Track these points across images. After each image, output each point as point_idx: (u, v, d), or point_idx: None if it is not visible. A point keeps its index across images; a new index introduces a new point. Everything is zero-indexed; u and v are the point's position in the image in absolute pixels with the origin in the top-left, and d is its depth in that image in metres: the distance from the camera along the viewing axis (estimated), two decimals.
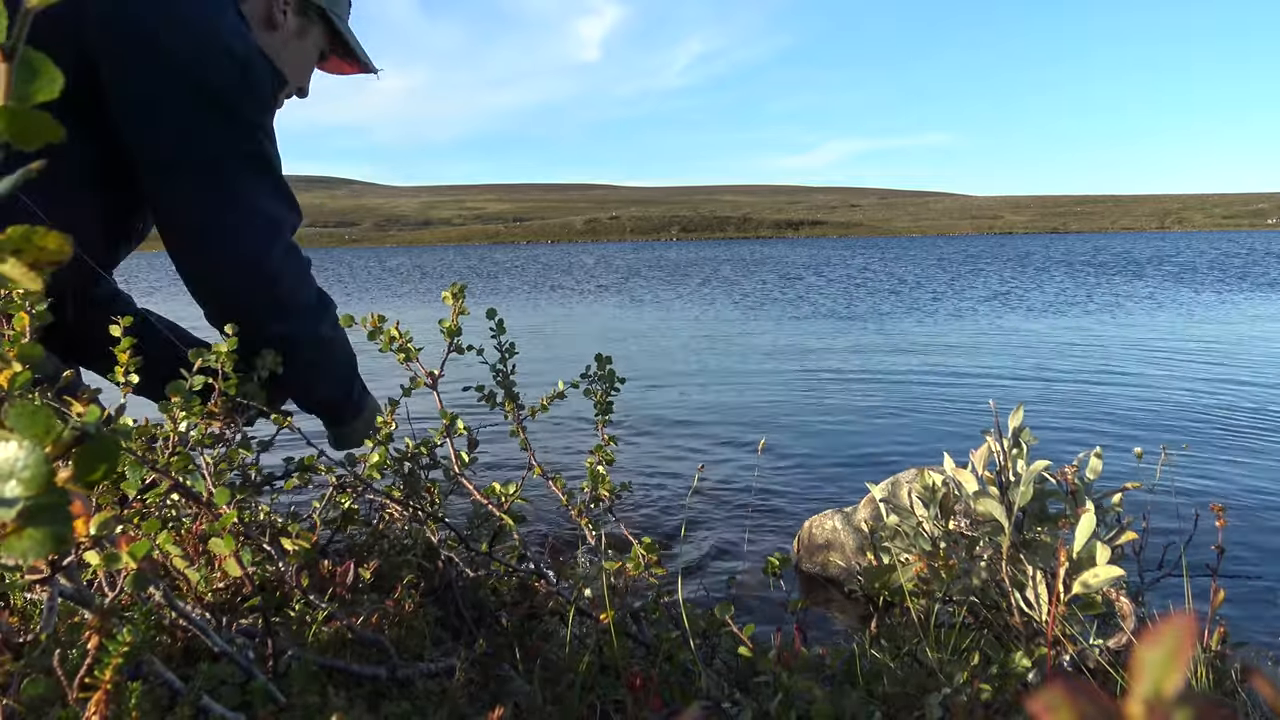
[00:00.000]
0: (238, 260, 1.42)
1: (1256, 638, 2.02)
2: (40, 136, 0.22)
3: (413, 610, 1.07)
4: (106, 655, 0.67)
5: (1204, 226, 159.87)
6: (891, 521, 1.76)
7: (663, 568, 1.34)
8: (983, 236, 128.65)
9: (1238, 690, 1.32)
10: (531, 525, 2.68)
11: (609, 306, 13.61)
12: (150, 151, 1.38)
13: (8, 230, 0.23)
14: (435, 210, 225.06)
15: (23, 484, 0.22)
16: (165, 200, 1.43)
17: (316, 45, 1.70)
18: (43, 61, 0.22)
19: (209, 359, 1.19)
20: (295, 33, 1.65)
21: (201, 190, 1.40)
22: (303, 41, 1.66)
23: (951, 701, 1.05)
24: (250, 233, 1.43)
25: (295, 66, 1.68)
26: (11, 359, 0.74)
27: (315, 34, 1.68)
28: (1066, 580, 1.42)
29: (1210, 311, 10.72)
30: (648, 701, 1.02)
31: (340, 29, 1.70)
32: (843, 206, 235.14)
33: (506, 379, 1.46)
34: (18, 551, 0.22)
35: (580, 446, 3.86)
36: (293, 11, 1.62)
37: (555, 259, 44.35)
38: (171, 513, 1.11)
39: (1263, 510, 2.99)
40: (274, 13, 1.60)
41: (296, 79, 1.70)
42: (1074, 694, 0.19)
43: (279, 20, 1.61)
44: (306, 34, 1.66)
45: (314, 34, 1.68)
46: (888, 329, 9.37)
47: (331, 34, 1.71)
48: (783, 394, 5.42)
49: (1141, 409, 4.77)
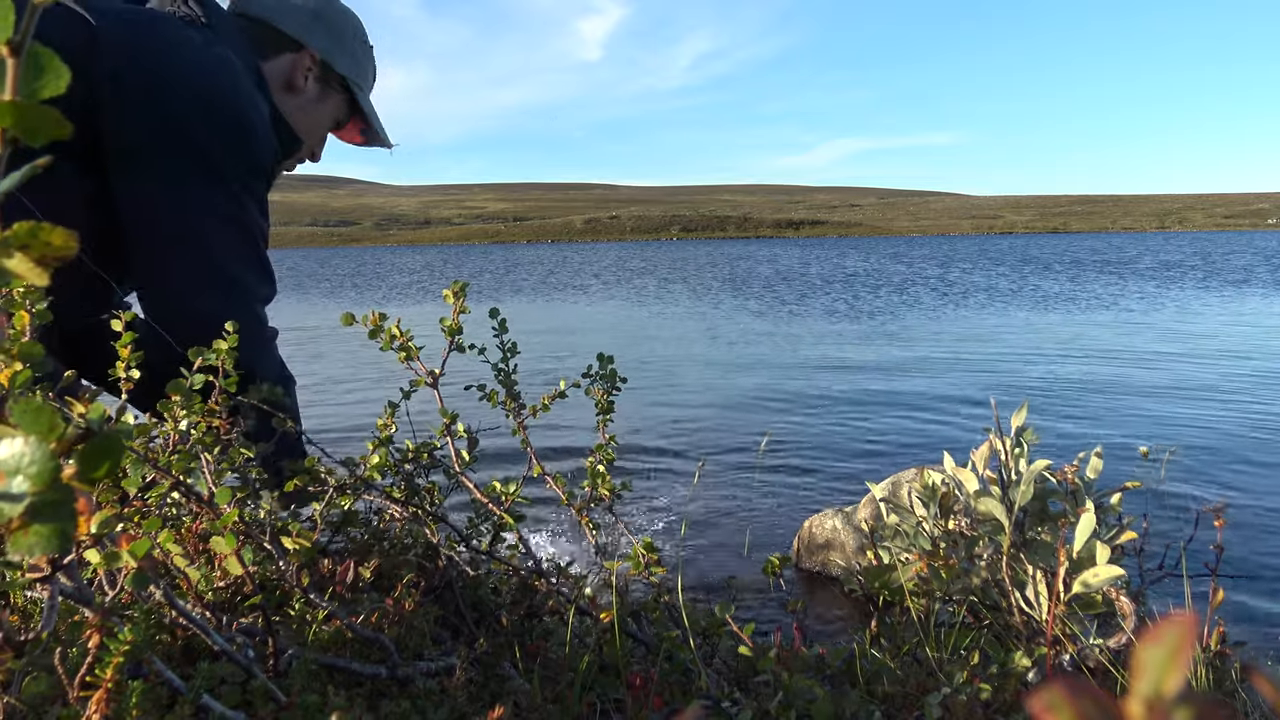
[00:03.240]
0: (195, 318, 1.40)
1: (1256, 638, 2.03)
2: (47, 132, 0.22)
3: (413, 609, 1.07)
4: (107, 654, 0.67)
5: (1204, 226, 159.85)
6: (891, 521, 1.76)
7: (663, 567, 1.34)
8: (983, 236, 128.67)
9: (1238, 690, 1.32)
10: (532, 525, 2.68)
11: (609, 306, 13.61)
12: (131, 204, 1.38)
13: (14, 226, 0.23)
14: (435, 210, 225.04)
15: (29, 480, 0.22)
16: (141, 257, 1.42)
17: (334, 113, 1.71)
18: (50, 58, 0.22)
19: (209, 358, 1.19)
20: (315, 99, 1.66)
21: (174, 245, 1.40)
22: (321, 106, 1.67)
23: (951, 701, 1.05)
24: (213, 295, 1.42)
25: (309, 130, 1.69)
26: (13, 357, 0.74)
27: (335, 102, 1.69)
28: (1067, 579, 1.42)
29: (1211, 310, 10.73)
30: (648, 701, 1.02)
31: (361, 101, 1.71)
32: (843, 206, 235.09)
33: (508, 378, 1.46)
34: (24, 547, 0.22)
35: (580, 446, 3.86)
36: (314, 78, 1.64)
37: (555, 258, 44.37)
38: (172, 511, 1.11)
39: (1263, 510, 2.99)
40: (296, 77, 1.61)
41: (310, 141, 1.71)
42: (1074, 693, 0.19)
43: (300, 85, 1.62)
44: (326, 100, 1.68)
45: (333, 101, 1.69)
46: (889, 327, 9.37)
47: (351, 104, 1.72)
48: (783, 393, 5.42)
49: (1142, 408, 4.77)
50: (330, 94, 1.67)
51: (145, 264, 1.43)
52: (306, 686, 0.87)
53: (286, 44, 1.60)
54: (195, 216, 1.41)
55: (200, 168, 1.40)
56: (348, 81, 1.68)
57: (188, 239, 1.41)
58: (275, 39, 1.59)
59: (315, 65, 1.63)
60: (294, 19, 1.60)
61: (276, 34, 1.59)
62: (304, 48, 1.61)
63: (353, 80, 1.68)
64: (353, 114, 1.74)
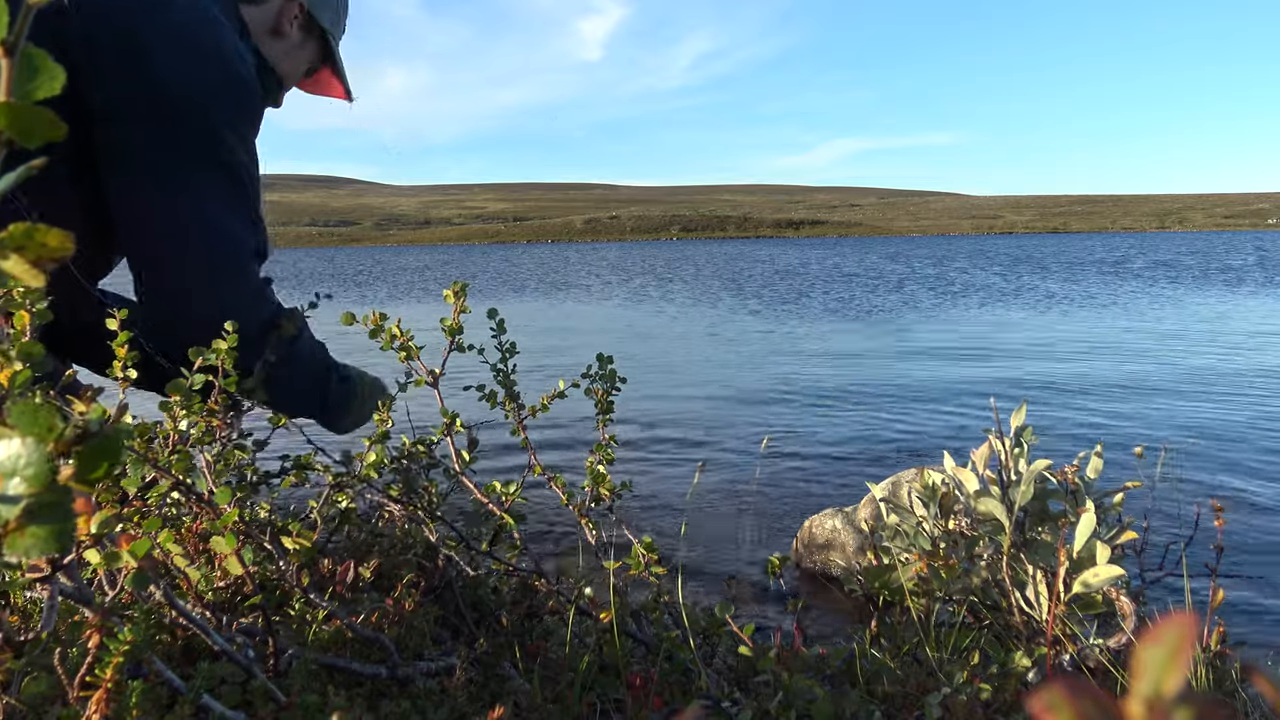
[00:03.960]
0: (180, 265, 1.38)
1: (1256, 638, 2.03)
2: (41, 133, 0.22)
3: (413, 609, 1.07)
4: (107, 654, 0.67)
5: (1204, 226, 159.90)
6: (892, 521, 1.76)
7: (663, 567, 1.33)
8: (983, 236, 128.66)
9: (1238, 690, 1.32)
10: (532, 525, 2.68)
11: (609, 305, 13.61)
12: (111, 157, 1.35)
13: (10, 227, 0.23)
14: (435, 210, 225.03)
15: (25, 481, 0.22)
16: (123, 209, 1.38)
17: (309, 60, 1.79)
18: (43, 58, 0.22)
19: (209, 357, 1.19)
20: (297, 44, 1.73)
21: (157, 191, 1.37)
22: (300, 52, 1.75)
23: (951, 701, 1.05)
24: (200, 240, 1.39)
25: (289, 74, 1.76)
26: (12, 357, 0.74)
27: (311, 49, 1.77)
28: (1067, 579, 1.42)
29: (1212, 310, 10.73)
30: (648, 701, 1.02)
31: (334, 51, 1.80)
32: (843, 206, 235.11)
33: (508, 378, 1.46)
34: (20, 549, 0.22)
35: (581, 446, 3.86)
36: (299, 25, 1.70)
37: (555, 258, 44.37)
38: (172, 511, 1.11)
39: (1263, 510, 2.99)
40: (283, 23, 1.67)
41: (288, 84, 1.79)
42: (1074, 693, 0.19)
43: (285, 30, 1.68)
44: (305, 47, 1.75)
45: (310, 49, 1.77)
46: (889, 327, 9.37)
47: (325, 54, 1.80)
48: (783, 393, 5.42)
49: (1142, 408, 4.77)
50: (309, 42, 1.75)
51: (129, 221, 1.40)
52: (306, 686, 0.87)
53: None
54: (180, 161, 1.38)
55: (183, 109, 1.37)
56: (326, 31, 1.75)
57: (178, 187, 1.38)
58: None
59: (302, 14, 1.70)
60: None
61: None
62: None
63: (330, 30, 1.76)
64: (323, 63, 1.83)
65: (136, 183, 1.37)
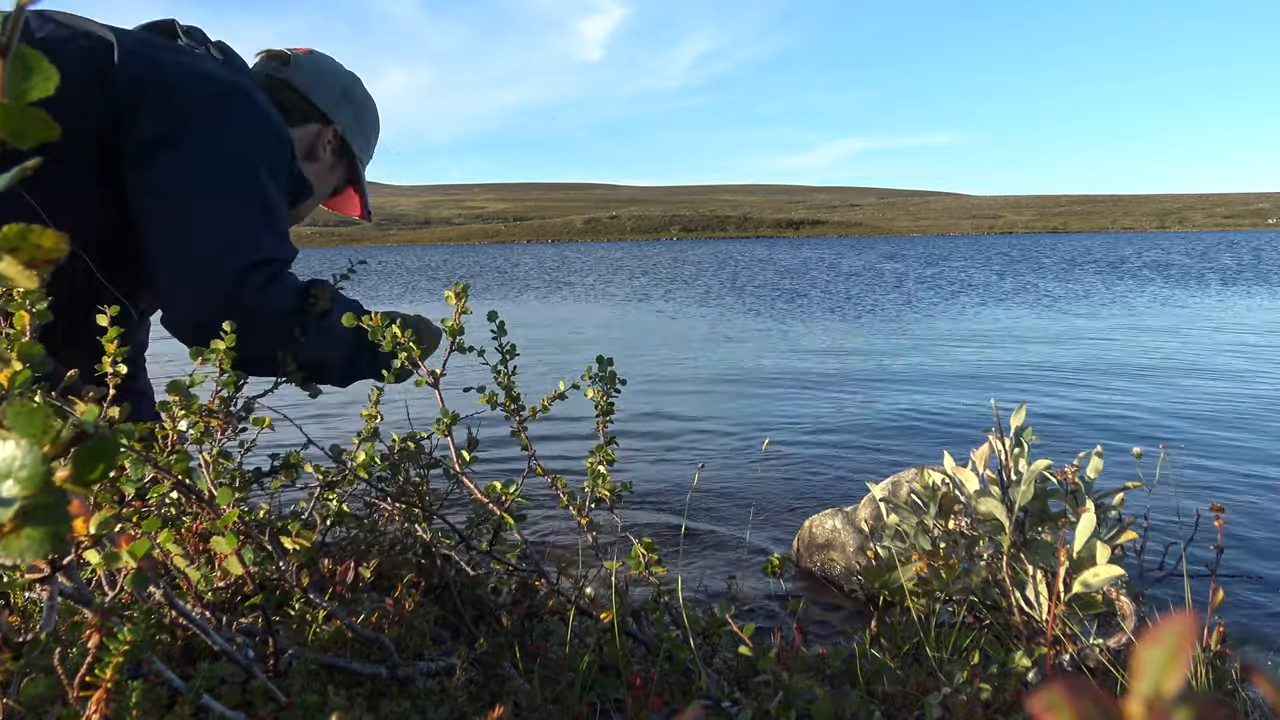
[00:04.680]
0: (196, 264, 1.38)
1: (1256, 638, 2.03)
2: (35, 134, 0.22)
3: (413, 609, 1.07)
4: (107, 654, 0.67)
5: (1204, 226, 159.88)
6: (891, 521, 1.76)
7: (663, 567, 1.33)
8: (983, 236, 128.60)
9: (1238, 690, 1.32)
10: (532, 525, 2.68)
11: (609, 305, 13.61)
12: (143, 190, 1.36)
13: (4, 228, 0.23)
14: (435, 210, 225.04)
15: (20, 483, 0.22)
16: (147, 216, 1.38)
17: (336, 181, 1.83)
18: (38, 59, 0.22)
19: (209, 357, 1.19)
20: (328, 168, 1.77)
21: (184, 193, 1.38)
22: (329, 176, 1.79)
23: (951, 701, 1.05)
24: (213, 239, 1.38)
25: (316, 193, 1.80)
26: (11, 358, 0.74)
27: (340, 172, 1.81)
28: (1067, 579, 1.42)
29: (1212, 309, 10.73)
30: (648, 701, 1.02)
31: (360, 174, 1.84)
32: (843, 206, 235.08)
33: (508, 380, 1.46)
34: (15, 551, 0.22)
35: (580, 446, 3.86)
36: (332, 150, 1.74)
37: (555, 258, 44.35)
38: (172, 511, 1.11)
39: (1263, 510, 2.99)
40: (318, 147, 1.72)
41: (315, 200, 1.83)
42: (1074, 693, 0.19)
43: (319, 155, 1.72)
44: (334, 171, 1.79)
45: (339, 172, 1.81)
46: (889, 327, 9.37)
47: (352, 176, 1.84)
48: (783, 393, 5.42)
49: (1142, 407, 4.77)
50: (339, 166, 1.79)
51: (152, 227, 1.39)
52: (306, 686, 0.87)
53: (315, 115, 1.69)
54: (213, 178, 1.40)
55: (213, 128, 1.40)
56: (356, 159, 1.80)
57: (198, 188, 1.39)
58: (304, 108, 1.68)
59: (335, 139, 1.74)
60: (328, 94, 1.70)
61: (308, 104, 1.68)
62: (331, 122, 1.71)
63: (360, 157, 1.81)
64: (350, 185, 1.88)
65: (164, 192, 1.39)
